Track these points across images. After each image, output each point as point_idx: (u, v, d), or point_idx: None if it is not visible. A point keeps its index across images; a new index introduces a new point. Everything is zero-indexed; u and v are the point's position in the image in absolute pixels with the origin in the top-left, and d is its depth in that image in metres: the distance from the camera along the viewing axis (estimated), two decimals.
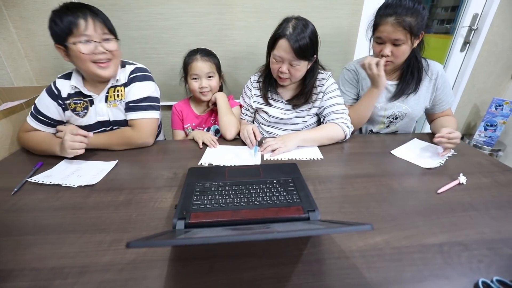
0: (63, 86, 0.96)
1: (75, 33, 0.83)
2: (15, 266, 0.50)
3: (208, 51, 1.13)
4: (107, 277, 0.48)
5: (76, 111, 0.97)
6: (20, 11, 1.28)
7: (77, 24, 0.82)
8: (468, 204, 0.67)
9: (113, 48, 0.90)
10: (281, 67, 0.96)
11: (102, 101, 0.97)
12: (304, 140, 0.96)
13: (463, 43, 1.73)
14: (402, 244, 0.54)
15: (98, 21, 0.86)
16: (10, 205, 0.67)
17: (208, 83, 1.11)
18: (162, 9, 1.33)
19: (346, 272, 0.49)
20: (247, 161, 0.89)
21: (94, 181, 0.75)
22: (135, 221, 0.61)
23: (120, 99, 0.97)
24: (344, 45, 1.52)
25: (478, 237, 0.56)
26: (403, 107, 1.07)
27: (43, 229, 0.59)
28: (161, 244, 0.42)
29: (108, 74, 0.92)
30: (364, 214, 0.63)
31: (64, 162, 0.86)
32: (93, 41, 0.86)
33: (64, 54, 0.89)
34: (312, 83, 1.04)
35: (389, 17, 0.89)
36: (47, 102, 0.95)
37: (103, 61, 0.89)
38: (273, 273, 0.48)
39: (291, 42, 0.90)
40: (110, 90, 0.97)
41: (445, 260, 0.51)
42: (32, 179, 0.76)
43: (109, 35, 0.90)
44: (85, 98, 0.97)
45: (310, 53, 0.94)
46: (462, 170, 0.79)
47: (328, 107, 1.04)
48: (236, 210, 0.60)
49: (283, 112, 1.11)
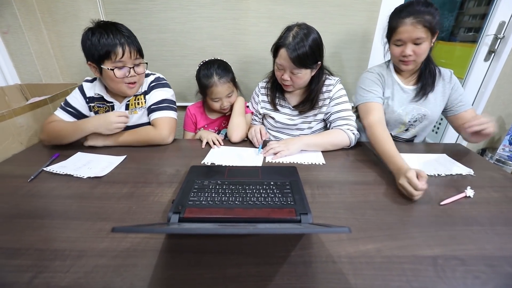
0: (87, 88, 1.05)
1: (112, 58, 0.91)
2: (22, 246, 0.54)
3: (223, 68, 1.10)
4: (101, 262, 0.51)
5: (99, 114, 1.05)
6: (51, 14, 1.38)
7: (115, 51, 0.90)
8: (472, 219, 0.63)
9: (142, 72, 1.00)
10: (283, 74, 0.98)
11: (122, 109, 1.05)
12: (307, 144, 0.96)
13: (488, 52, 1.65)
14: (393, 254, 0.53)
15: (132, 46, 0.93)
16: (25, 191, 0.73)
17: (229, 100, 1.13)
18: (179, 14, 1.39)
19: (331, 276, 0.48)
20: (249, 162, 0.90)
21: (102, 174, 0.80)
22: (134, 213, 0.64)
23: (140, 106, 1.06)
24: (359, 52, 1.50)
25: (478, 252, 0.54)
26: (422, 110, 1.06)
27: (51, 214, 0.64)
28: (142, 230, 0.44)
29: (134, 93, 1.03)
30: (359, 221, 0.62)
31: (78, 154, 0.93)
32: (126, 66, 0.94)
33: (95, 71, 0.96)
34: (317, 90, 1.04)
35: (406, 18, 0.90)
36: (77, 96, 1.04)
37: (132, 82, 0.98)
38: (257, 272, 0.49)
39: (289, 52, 0.91)
40: (131, 99, 1.05)
41: (437, 273, 0.49)
42: (48, 169, 0.82)
43: (140, 59, 0.98)
44: (107, 104, 1.05)
45: (311, 61, 0.95)
46: (471, 183, 0.76)
47: (334, 113, 1.04)
48: (229, 208, 0.62)
49: (290, 118, 1.12)
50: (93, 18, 1.38)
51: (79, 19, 1.39)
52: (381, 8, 1.40)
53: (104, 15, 1.38)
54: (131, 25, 1.38)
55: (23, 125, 1.00)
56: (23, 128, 1.00)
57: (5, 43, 1.34)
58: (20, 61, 1.39)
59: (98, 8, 1.36)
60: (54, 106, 1.16)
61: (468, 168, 0.86)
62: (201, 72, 1.10)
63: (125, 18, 1.38)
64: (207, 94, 1.11)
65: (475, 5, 2.33)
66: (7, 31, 1.32)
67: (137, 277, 0.48)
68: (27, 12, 1.33)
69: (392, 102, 1.07)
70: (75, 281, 0.47)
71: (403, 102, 1.07)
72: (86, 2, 1.35)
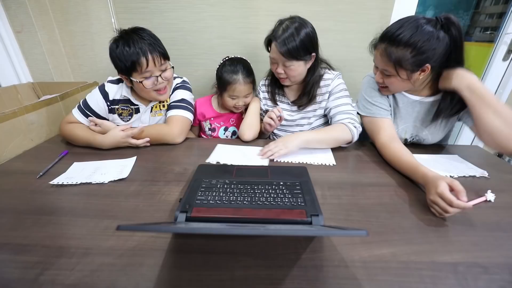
0: (111, 90, 1.04)
1: (138, 70, 0.91)
2: (30, 242, 0.54)
3: (248, 68, 1.10)
4: (107, 260, 0.50)
5: (122, 116, 1.06)
6: (63, 14, 1.40)
7: (140, 63, 0.90)
8: (494, 224, 0.60)
9: (170, 76, 1.00)
10: (277, 68, 0.98)
11: (147, 112, 1.06)
12: (307, 141, 0.91)
13: (507, 51, 1.59)
14: (410, 259, 0.50)
15: (155, 53, 0.92)
16: (34, 187, 0.73)
17: (244, 100, 1.12)
18: (189, 13, 1.39)
19: (344, 282, 0.46)
20: (255, 161, 0.88)
21: (124, 175, 0.77)
22: (141, 211, 0.63)
23: (165, 109, 1.08)
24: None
25: (502, 260, 0.50)
26: (423, 133, 0.97)
27: (58, 211, 0.64)
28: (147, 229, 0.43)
29: (165, 98, 1.05)
30: (373, 224, 0.59)
31: (75, 164, 0.85)
32: (154, 76, 0.94)
33: (127, 82, 0.99)
34: (313, 82, 1.02)
35: (381, 43, 0.82)
36: (97, 98, 1.02)
37: (162, 89, 1.00)
38: (267, 274, 0.47)
39: (278, 45, 0.91)
40: (156, 102, 1.06)
41: (458, 281, 0.46)
42: (55, 181, 0.74)
43: (166, 64, 0.98)
44: (132, 106, 1.05)
45: (302, 53, 0.93)
46: (491, 187, 0.72)
47: (334, 108, 1.01)
48: (238, 208, 0.60)
49: (289, 114, 1.11)
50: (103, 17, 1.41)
51: (90, 19, 1.40)
52: (395, 6, 1.36)
53: (114, 14, 1.39)
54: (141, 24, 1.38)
55: (34, 123, 1.01)
56: (34, 125, 1.01)
57: (19, 42, 1.36)
58: (32, 60, 1.41)
59: (109, 7, 1.37)
60: (65, 104, 1.17)
61: (482, 170, 0.82)
62: (225, 67, 1.09)
63: (135, 17, 1.39)
64: (226, 90, 1.10)
65: (492, 4, 2.26)
66: (20, 30, 1.34)
67: (143, 277, 0.47)
68: (40, 12, 1.35)
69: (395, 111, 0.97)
70: (80, 279, 0.46)
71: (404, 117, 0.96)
72: (97, 1, 1.36)
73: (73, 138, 0.97)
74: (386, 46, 0.80)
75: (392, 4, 1.36)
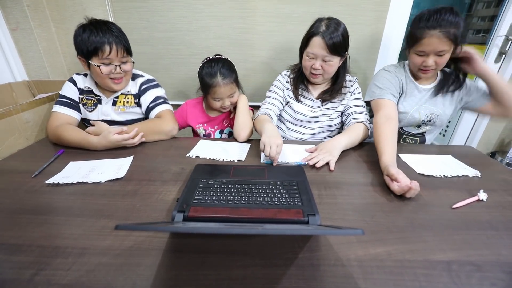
0: (78, 79, 1.08)
1: (99, 55, 0.94)
2: (24, 242, 0.53)
3: (227, 67, 1.08)
4: (104, 260, 0.49)
5: (86, 106, 1.08)
6: (60, 12, 1.39)
7: (102, 49, 0.93)
8: (487, 223, 0.61)
9: (128, 69, 1.03)
10: (314, 64, 1.01)
11: (109, 104, 1.08)
12: (345, 145, 0.95)
13: (498, 53, 1.62)
14: (405, 258, 0.51)
15: (120, 45, 0.96)
16: (29, 186, 0.72)
17: (230, 100, 1.12)
18: (186, 12, 1.38)
19: (341, 280, 0.46)
20: (234, 156, 0.90)
21: (121, 175, 0.77)
22: (138, 211, 0.63)
23: (129, 105, 1.10)
24: (367, 52, 1.48)
25: (494, 258, 0.51)
26: (434, 109, 1.07)
27: (54, 210, 0.63)
28: (146, 228, 0.42)
29: (119, 88, 1.06)
30: (368, 223, 0.60)
31: (71, 163, 0.84)
32: (113, 64, 0.97)
33: (84, 65, 0.99)
34: (343, 80, 1.09)
35: (433, 30, 0.88)
36: (69, 86, 1.07)
37: (118, 78, 1.01)
38: (264, 274, 0.47)
39: (325, 39, 0.95)
40: (120, 96, 1.08)
41: (452, 279, 0.47)
42: (50, 181, 0.73)
43: (127, 57, 1.00)
44: (95, 97, 1.08)
45: (343, 49, 0.99)
46: (484, 186, 0.73)
47: (353, 107, 1.09)
48: (235, 208, 0.60)
49: (311, 110, 1.13)
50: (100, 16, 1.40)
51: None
52: (390, 8, 1.38)
53: (112, 14, 1.38)
54: (139, 23, 1.38)
55: (29, 121, 1.00)
56: (29, 123, 1.00)
57: (14, 39, 1.35)
58: (28, 58, 1.40)
59: (106, 6, 1.36)
60: None
61: (475, 170, 0.83)
62: (204, 70, 1.08)
63: (132, 17, 1.39)
64: (209, 93, 1.10)
65: (484, 7, 2.30)
66: (16, 28, 1.33)
67: (140, 276, 0.46)
68: (36, 9, 1.33)
69: (405, 102, 1.07)
70: (77, 279, 0.46)
71: (416, 102, 1.07)
72: (94, 0, 1.36)
73: (65, 140, 0.95)
74: (442, 29, 0.87)
75: (387, 7, 1.37)
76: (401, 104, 1.07)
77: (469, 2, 2.37)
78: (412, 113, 1.07)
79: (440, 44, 0.89)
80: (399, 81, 1.06)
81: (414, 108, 1.07)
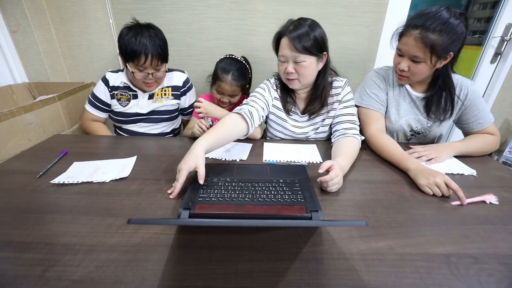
0: (111, 77, 1.15)
1: (135, 62, 1.01)
2: (33, 240, 0.54)
3: (241, 72, 1.14)
4: (112, 256, 0.51)
5: (120, 101, 1.16)
6: (60, 14, 1.40)
7: (139, 58, 1.00)
8: (484, 218, 0.63)
9: (161, 76, 1.11)
10: (287, 67, 0.92)
11: (145, 98, 1.16)
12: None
13: (494, 54, 1.65)
14: (406, 251, 0.53)
15: (156, 56, 1.02)
16: (35, 186, 0.73)
17: (230, 99, 1.18)
18: (186, 14, 1.40)
19: (344, 273, 0.48)
20: (237, 156, 0.92)
21: (125, 174, 0.78)
22: (143, 209, 0.64)
23: (167, 97, 1.19)
24: (365, 53, 1.51)
25: (491, 251, 0.53)
26: (428, 124, 1.03)
27: (60, 209, 0.64)
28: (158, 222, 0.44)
29: (150, 91, 1.15)
30: (369, 219, 0.61)
31: (75, 164, 0.85)
32: (146, 71, 1.04)
33: (123, 63, 1.08)
34: (323, 84, 0.97)
35: (414, 29, 0.82)
36: (101, 86, 1.14)
37: (150, 83, 1.10)
38: (269, 267, 0.49)
39: (290, 38, 0.87)
40: (158, 90, 1.17)
41: (451, 271, 0.48)
42: (55, 181, 0.74)
43: (161, 65, 1.07)
44: (130, 92, 1.15)
45: (315, 47, 0.89)
46: (480, 183, 0.76)
47: (342, 115, 0.98)
48: (239, 205, 0.62)
49: (299, 127, 1.06)
50: (101, 17, 1.41)
51: (87, 19, 1.40)
52: (388, 10, 1.40)
53: (112, 15, 1.39)
54: None
55: (31, 122, 1.01)
56: (31, 125, 1.01)
57: (15, 42, 1.36)
58: (28, 60, 1.40)
59: (107, 7, 1.37)
60: (62, 104, 1.17)
61: (471, 169, 0.85)
62: (222, 62, 1.16)
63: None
64: (215, 83, 1.17)
65: (480, 8, 2.34)
66: (16, 30, 1.33)
67: (149, 271, 0.48)
68: (36, 11, 1.34)
69: (395, 109, 1.02)
70: (87, 274, 0.47)
71: (407, 111, 1.01)
72: (94, 2, 1.37)
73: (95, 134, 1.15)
74: (422, 31, 0.80)
75: (385, 8, 1.40)
76: (394, 108, 1.02)
77: (465, 3, 2.41)
78: (401, 123, 1.02)
79: (414, 48, 0.83)
80: (387, 82, 1.02)
81: (405, 119, 1.01)
